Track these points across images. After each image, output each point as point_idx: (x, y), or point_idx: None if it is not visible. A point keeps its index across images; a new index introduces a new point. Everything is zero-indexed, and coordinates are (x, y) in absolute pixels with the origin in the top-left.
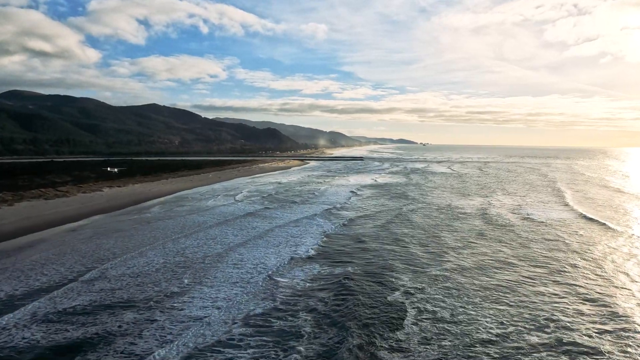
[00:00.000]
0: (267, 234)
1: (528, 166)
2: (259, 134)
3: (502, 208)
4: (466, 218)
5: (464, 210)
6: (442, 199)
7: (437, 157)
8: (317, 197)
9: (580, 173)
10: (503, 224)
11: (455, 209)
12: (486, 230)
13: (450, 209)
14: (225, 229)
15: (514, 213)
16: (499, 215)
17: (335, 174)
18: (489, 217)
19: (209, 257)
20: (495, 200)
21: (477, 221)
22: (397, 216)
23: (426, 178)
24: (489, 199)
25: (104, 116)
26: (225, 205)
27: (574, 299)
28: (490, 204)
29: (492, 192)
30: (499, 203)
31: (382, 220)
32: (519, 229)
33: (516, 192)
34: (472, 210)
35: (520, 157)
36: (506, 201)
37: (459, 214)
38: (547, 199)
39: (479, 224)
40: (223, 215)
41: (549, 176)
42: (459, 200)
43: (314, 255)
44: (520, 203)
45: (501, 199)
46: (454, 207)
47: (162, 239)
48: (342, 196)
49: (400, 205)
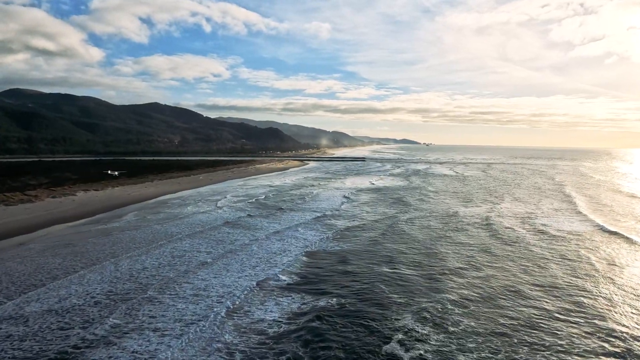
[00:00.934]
0: (242, 249)
1: (533, 168)
2: (261, 134)
3: (510, 217)
4: (470, 230)
5: (467, 219)
6: (443, 205)
7: (439, 158)
8: (309, 203)
9: (589, 176)
10: (512, 237)
11: (458, 218)
12: (493, 246)
13: (451, 218)
14: (198, 243)
15: (524, 224)
16: (507, 227)
17: (333, 175)
18: (495, 229)
19: (165, 284)
20: (501, 208)
21: (483, 233)
22: (391, 227)
23: (427, 181)
24: (494, 205)
25: (104, 115)
26: (206, 212)
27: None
28: (496, 212)
29: (497, 197)
30: (506, 211)
31: (374, 232)
32: (531, 244)
33: (524, 198)
34: (477, 219)
35: (524, 158)
36: (514, 209)
37: (461, 225)
38: (559, 207)
39: (484, 237)
40: (200, 224)
41: (556, 179)
42: (462, 207)
43: (291, 282)
44: (529, 211)
45: (508, 206)
46: (456, 215)
47: (119, 256)
48: (335, 202)
49: (396, 213)
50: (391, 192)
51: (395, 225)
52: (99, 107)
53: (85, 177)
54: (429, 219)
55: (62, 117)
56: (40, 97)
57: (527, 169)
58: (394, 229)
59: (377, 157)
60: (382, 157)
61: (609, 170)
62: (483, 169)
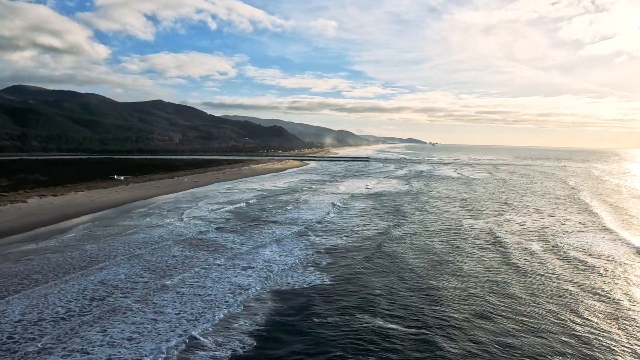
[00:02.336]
0: (174, 288)
1: (542, 170)
2: (265, 132)
3: (525, 234)
4: (477, 253)
5: (474, 237)
6: (445, 216)
7: (444, 159)
8: (293, 212)
9: (603, 179)
10: (533, 266)
11: (462, 234)
12: (509, 281)
13: (455, 235)
14: (121, 275)
15: (544, 244)
16: (523, 248)
17: (331, 177)
18: (509, 252)
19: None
20: (514, 220)
21: (494, 259)
22: (381, 248)
23: (430, 185)
24: (505, 217)
25: (105, 112)
26: (167, 225)
27: None
28: (508, 227)
29: (507, 205)
30: (520, 225)
31: (359, 255)
32: (559, 277)
33: (538, 207)
34: (485, 237)
35: (531, 159)
36: (528, 222)
37: (466, 245)
38: (580, 219)
39: (496, 265)
40: (148, 243)
41: (570, 184)
42: (467, 218)
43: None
44: (547, 225)
45: (521, 218)
46: (459, 231)
47: (10, 293)
48: (323, 211)
49: (389, 227)
50: (388, 199)
51: (386, 245)
52: (101, 104)
53: (55, 179)
54: (428, 236)
55: (60, 113)
56: (42, 93)
57: (536, 171)
58: (383, 251)
59: (380, 157)
60: (386, 157)
61: (623, 172)
62: (490, 171)
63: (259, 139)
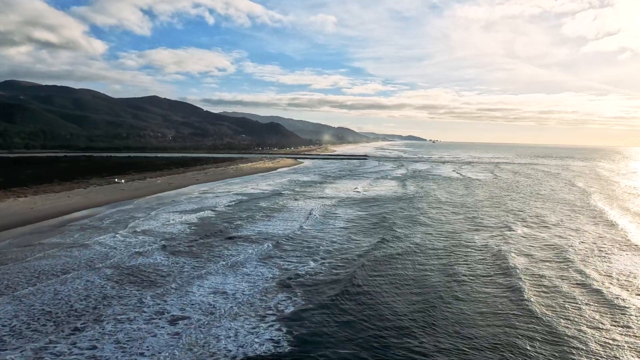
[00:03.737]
0: None
1: (545, 169)
2: (262, 129)
3: (537, 255)
4: (479, 286)
5: (475, 261)
6: (440, 230)
7: (444, 157)
8: (266, 223)
9: (613, 181)
10: (555, 310)
11: (460, 257)
12: (526, 340)
13: (451, 259)
14: None
15: (563, 269)
16: (538, 277)
17: (322, 178)
18: (522, 285)
19: None
20: (522, 235)
21: (502, 296)
22: (352, 281)
23: (426, 188)
24: (512, 230)
25: (98, 108)
26: (101, 243)
27: None
28: (516, 244)
29: (514, 215)
30: (530, 241)
31: (328, 291)
32: (591, 323)
33: (547, 216)
34: (489, 260)
35: (533, 157)
36: (540, 237)
37: (465, 273)
38: (599, 232)
39: (506, 307)
40: (58, 271)
41: (578, 185)
42: (467, 233)
43: None
44: (561, 242)
45: (531, 231)
46: (457, 252)
47: None
48: (299, 223)
49: (371, 247)
50: (378, 206)
51: (363, 274)
52: (94, 99)
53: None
54: (417, 260)
55: (50, 109)
56: (34, 89)
57: (539, 170)
58: (359, 285)
59: (378, 155)
60: (384, 155)
61: (632, 172)
62: (491, 170)
63: (255, 136)
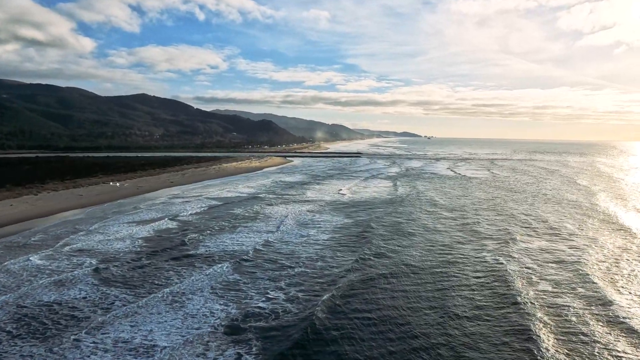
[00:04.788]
0: None
1: (543, 165)
2: (253, 127)
3: (551, 279)
4: (477, 328)
5: (472, 289)
6: (430, 243)
7: (439, 153)
8: (228, 237)
9: (616, 178)
10: None
11: (455, 281)
12: None
13: (442, 284)
14: None
15: (589, 303)
16: (555, 315)
17: (309, 178)
18: (533, 328)
19: None
20: (528, 249)
21: (507, 340)
22: (315, 325)
23: (418, 188)
24: (515, 241)
25: (84, 106)
26: (10, 267)
27: None
28: (522, 263)
29: (515, 221)
30: (538, 258)
31: (280, 344)
32: None
33: (554, 223)
34: (490, 284)
35: (529, 152)
36: (549, 250)
37: (461, 308)
38: (617, 243)
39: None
40: None
41: (580, 183)
42: (461, 245)
43: None
44: (577, 259)
45: (537, 243)
46: (451, 273)
47: None
48: (267, 235)
49: (348, 268)
50: (364, 211)
51: (330, 312)
52: (80, 98)
53: None
54: (402, 289)
55: (32, 108)
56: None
57: (537, 166)
58: (322, 329)
59: (371, 153)
60: (378, 153)
61: (633, 168)
62: (487, 167)
63: (247, 133)
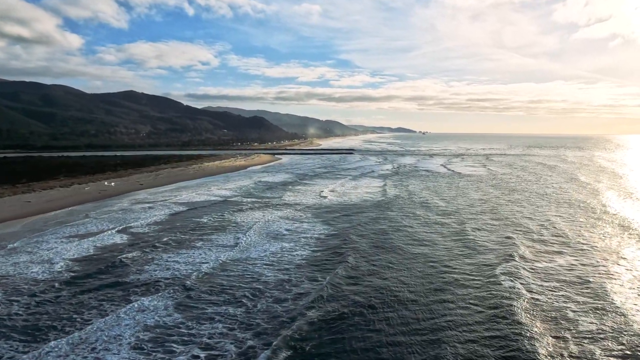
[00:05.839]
0: None
1: (540, 161)
2: (244, 123)
3: (569, 315)
4: None
5: (469, 338)
6: (417, 260)
7: (433, 149)
8: (184, 253)
9: (619, 174)
10: None
11: (444, 324)
12: None
13: (429, 325)
14: None
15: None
16: None
17: (294, 178)
18: None
19: None
20: (536, 267)
21: None
22: None
23: (410, 189)
24: (521, 258)
25: (69, 104)
26: None
27: None
28: (532, 290)
29: (518, 228)
30: (549, 279)
31: None
32: None
33: (562, 230)
34: (492, 329)
35: (524, 147)
36: (563, 268)
37: None
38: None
39: None
40: None
41: (581, 179)
42: (455, 263)
43: None
44: (599, 281)
45: (546, 259)
46: (441, 309)
47: None
48: (225, 253)
49: (312, 299)
50: (346, 216)
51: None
52: (66, 95)
53: None
54: (372, 333)
55: (13, 106)
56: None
57: (534, 162)
58: None
59: (363, 149)
60: (370, 149)
61: (633, 162)
62: (483, 163)
63: (238, 130)
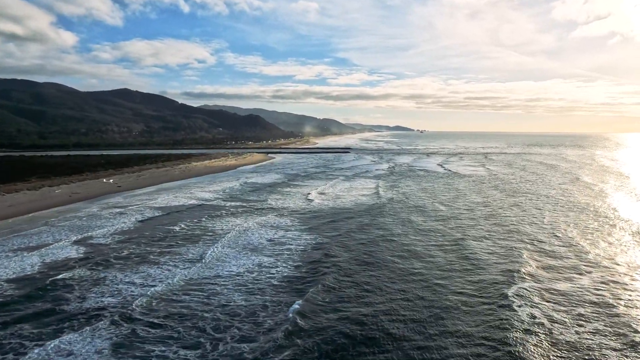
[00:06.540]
0: None
1: (540, 160)
2: (240, 122)
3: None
4: None
5: None
6: (407, 281)
7: (430, 148)
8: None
9: (624, 174)
10: None
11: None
12: None
13: None
14: None
15: None
16: None
17: (284, 179)
18: None
19: None
20: (548, 289)
21: None
22: None
23: (404, 191)
24: (531, 277)
25: (61, 102)
26: None
27: None
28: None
29: (522, 236)
30: (566, 305)
31: None
32: None
33: (573, 240)
34: None
35: (523, 145)
36: (580, 290)
37: None
38: None
39: None
40: None
41: (584, 179)
42: (453, 284)
43: None
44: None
45: (559, 279)
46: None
47: None
48: (185, 275)
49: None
50: (332, 223)
51: None
52: (58, 93)
53: None
54: None
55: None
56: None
57: (534, 161)
58: None
59: (360, 148)
60: (367, 148)
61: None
62: (481, 162)
63: (233, 129)
